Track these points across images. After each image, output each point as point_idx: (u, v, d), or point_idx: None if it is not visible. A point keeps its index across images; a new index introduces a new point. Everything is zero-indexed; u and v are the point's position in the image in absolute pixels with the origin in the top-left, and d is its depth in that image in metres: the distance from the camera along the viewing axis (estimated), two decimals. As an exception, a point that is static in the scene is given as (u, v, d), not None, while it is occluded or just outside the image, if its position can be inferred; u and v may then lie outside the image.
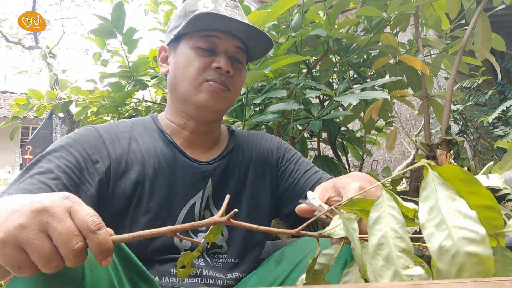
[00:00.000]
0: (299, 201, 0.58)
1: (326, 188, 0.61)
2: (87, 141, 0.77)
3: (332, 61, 1.65)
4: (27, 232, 0.41)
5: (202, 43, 0.82)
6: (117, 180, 0.77)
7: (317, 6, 1.54)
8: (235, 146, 0.92)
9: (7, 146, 9.50)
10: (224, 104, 0.84)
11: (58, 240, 0.42)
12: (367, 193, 0.55)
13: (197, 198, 0.83)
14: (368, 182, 0.60)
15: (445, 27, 1.61)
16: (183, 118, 0.86)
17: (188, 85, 0.82)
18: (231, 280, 0.80)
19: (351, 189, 0.56)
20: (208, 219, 0.47)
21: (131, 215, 0.77)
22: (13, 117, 2.18)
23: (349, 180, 0.59)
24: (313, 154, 1.99)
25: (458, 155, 1.42)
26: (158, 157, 0.82)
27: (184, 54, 0.83)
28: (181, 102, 0.85)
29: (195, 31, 0.83)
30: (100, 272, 0.53)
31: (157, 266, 0.76)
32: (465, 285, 0.29)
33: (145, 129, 0.87)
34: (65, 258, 0.43)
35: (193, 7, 0.84)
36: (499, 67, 1.44)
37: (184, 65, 0.82)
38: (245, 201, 0.87)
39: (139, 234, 0.45)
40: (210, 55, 0.82)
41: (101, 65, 2.12)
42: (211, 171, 0.86)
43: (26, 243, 0.41)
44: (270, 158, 0.94)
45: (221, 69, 0.81)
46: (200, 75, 0.81)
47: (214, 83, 0.81)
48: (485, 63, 1.80)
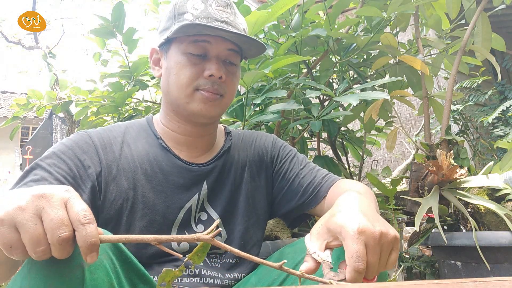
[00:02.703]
0: (304, 260, 0.55)
1: (320, 234, 0.56)
2: (79, 147, 0.77)
3: (332, 61, 1.65)
4: (24, 214, 0.45)
5: (193, 48, 0.80)
6: (108, 186, 0.77)
7: (317, 6, 1.54)
8: (230, 146, 0.92)
9: (7, 146, 9.50)
10: (218, 109, 0.83)
11: (48, 225, 0.44)
12: (368, 229, 0.52)
13: (193, 201, 0.83)
14: (368, 208, 0.57)
15: (445, 27, 1.61)
16: (177, 122, 0.85)
17: (180, 93, 0.81)
18: (229, 280, 0.80)
19: (349, 236, 0.52)
20: (192, 235, 0.47)
21: (126, 221, 0.77)
22: (13, 117, 2.18)
23: (345, 219, 0.54)
24: (313, 154, 1.99)
25: (458, 155, 1.42)
26: (151, 162, 0.82)
27: (175, 60, 0.81)
28: (175, 107, 0.84)
29: (185, 35, 0.81)
30: (100, 275, 0.53)
31: (156, 267, 0.76)
32: (465, 285, 0.29)
33: (139, 133, 0.87)
34: (52, 245, 0.45)
35: (182, 8, 0.81)
36: (499, 67, 1.44)
37: (176, 72, 0.81)
38: (241, 201, 0.87)
39: (125, 237, 0.47)
40: (201, 61, 0.81)
41: (101, 65, 2.12)
42: (206, 173, 0.85)
43: (20, 223, 0.44)
44: (265, 157, 0.93)
45: (213, 76, 0.79)
46: (192, 83, 0.80)
47: (206, 92, 0.80)
48: (485, 63, 1.80)
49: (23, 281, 0.50)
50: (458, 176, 1.23)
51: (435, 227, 1.35)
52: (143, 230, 0.77)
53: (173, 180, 0.82)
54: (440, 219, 1.28)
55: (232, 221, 0.86)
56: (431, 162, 1.26)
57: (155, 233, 0.77)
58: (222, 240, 0.84)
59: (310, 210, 0.87)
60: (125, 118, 1.86)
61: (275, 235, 1.49)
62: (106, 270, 0.54)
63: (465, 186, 1.25)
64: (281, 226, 1.53)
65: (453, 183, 1.26)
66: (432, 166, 1.24)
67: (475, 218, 1.25)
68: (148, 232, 0.78)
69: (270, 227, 1.50)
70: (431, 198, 1.22)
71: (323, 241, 0.55)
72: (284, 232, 1.51)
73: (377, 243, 0.52)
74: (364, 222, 0.53)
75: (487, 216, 1.23)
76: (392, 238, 0.53)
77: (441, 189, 1.26)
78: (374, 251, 0.51)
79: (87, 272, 0.51)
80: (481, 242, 1.14)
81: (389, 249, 0.54)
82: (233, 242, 0.84)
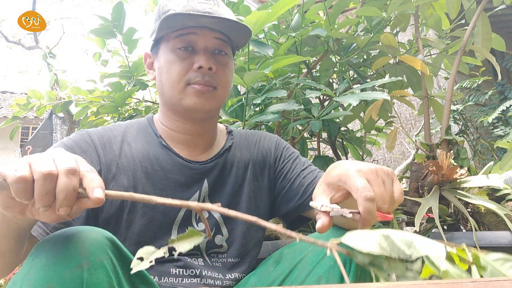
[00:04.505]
0: (310, 205, 0.55)
1: (321, 191, 0.57)
2: (79, 146, 0.77)
3: (332, 61, 1.65)
4: (39, 158, 0.48)
5: (179, 43, 0.80)
6: (107, 185, 0.77)
7: (317, 6, 1.54)
8: (232, 145, 0.92)
9: (7, 146, 9.51)
10: (213, 103, 0.82)
11: (59, 163, 0.48)
12: (365, 167, 0.53)
13: (194, 199, 0.82)
14: (354, 164, 0.57)
15: (445, 27, 1.61)
16: (176, 121, 0.85)
17: (172, 90, 0.80)
18: (230, 281, 0.80)
19: (350, 177, 0.52)
20: (181, 201, 0.48)
21: (126, 220, 0.77)
22: (13, 117, 2.18)
23: (341, 170, 0.54)
24: (313, 154, 1.99)
25: (458, 155, 1.42)
26: (151, 161, 0.82)
27: (165, 58, 0.81)
28: (171, 106, 0.84)
29: (171, 32, 0.81)
30: (100, 275, 0.53)
31: (156, 266, 0.76)
32: (465, 285, 0.29)
33: (140, 132, 0.87)
34: (58, 189, 0.47)
35: (166, 7, 0.81)
36: (499, 67, 1.44)
37: (167, 70, 0.81)
38: (243, 200, 0.87)
39: (129, 195, 0.49)
40: (190, 55, 0.80)
41: (101, 65, 2.12)
42: (207, 171, 0.85)
43: (35, 162, 0.47)
44: (268, 157, 0.93)
45: (202, 68, 0.79)
46: (182, 78, 0.79)
47: (197, 85, 0.79)
48: (485, 63, 1.80)
49: (23, 281, 0.50)
50: (458, 176, 1.23)
51: (435, 227, 1.34)
52: (143, 228, 0.77)
53: (173, 178, 0.82)
54: (440, 219, 1.28)
55: (233, 219, 0.85)
56: (431, 162, 1.26)
57: (156, 232, 0.78)
58: (223, 239, 0.84)
59: (310, 210, 0.87)
60: (125, 118, 1.86)
61: (275, 235, 1.49)
62: (106, 270, 0.54)
63: (465, 186, 1.25)
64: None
65: (453, 183, 1.26)
66: (432, 166, 1.24)
67: (475, 218, 1.25)
68: (148, 230, 0.78)
69: (270, 227, 1.50)
70: (431, 198, 1.22)
71: (327, 197, 0.56)
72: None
73: (376, 175, 0.53)
74: (359, 165, 0.55)
75: (487, 216, 1.23)
76: (388, 170, 0.56)
77: (441, 189, 1.26)
78: (377, 183, 0.52)
79: (86, 273, 0.51)
80: (481, 242, 1.14)
81: (391, 180, 0.55)
82: (235, 240, 0.84)
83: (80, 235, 0.55)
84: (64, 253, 0.52)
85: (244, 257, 0.84)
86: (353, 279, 0.66)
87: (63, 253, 0.52)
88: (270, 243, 1.27)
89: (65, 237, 0.55)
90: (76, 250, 0.53)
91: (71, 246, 0.53)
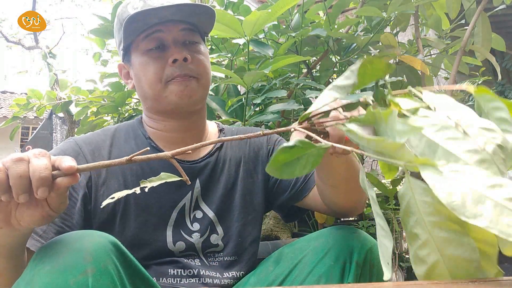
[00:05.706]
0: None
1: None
2: (66, 155, 0.77)
3: (332, 61, 1.65)
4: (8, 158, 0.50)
5: (148, 44, 0.79)
6: (98, 191, 0.77)
7: (317, 6, 1.54)
8: (224, 142, 0.91)
9: (7, 146, 9.49)
10: (199, 92, 0.81)
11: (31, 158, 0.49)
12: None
13: (186, 200, 0.82)
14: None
15: (445, 27, 1.61)
16: (162, 121, 0.84)
17: (154, 91, 0.80)
18: (228, 279, 0.80)
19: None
20: (155, 154, 0.53)
21: (119, 224, 0.77)
22: (13, 117, 2.19)
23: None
24: (313, 154, 1.99)
25: (458, 155, 1.42)
26: (141, 163, 0.81)
27: (138, 64, 0.81)
28: (156, 107, 0.83)
29: (137, 36, 0.80)
30: (105, 281, 0.52)
31: (154, 267, 0.76)
32: (465, 285, 0.29)
33: (128, 135, 0.86)
34: (30, 162, 0.49)
35: (124, 14, 0.80)
36: (499, 67, 1.44)
37: (143, 74, 0.80)
38: (237, 198, 0.86)
39: (92, 165, 0.54)
40: (162, 52, 0.79)
41: (101, 65, 2.12)
42: (198, 171, 0.84)
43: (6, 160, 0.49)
44: (261, 152, 0.93)
45: (178, 60, 0.78)
46: (160, 77, 0.78)
47: (178, 79, 0.78)
48: (485, 63, 1.80)
49: (27, 287, 0.50)
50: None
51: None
52: (137, 231, 0.77)
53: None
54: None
55: (228, 218, 0.85)
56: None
57: (150, 234, 0.78)
58: (219, 237, 0.83)
59: (303, 199, 0.86)
60: (125, 118, 1.86)
61: (275, 235, 1.49)
62: (110, 276, 0.54)
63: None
64: (281, 226, 1.53)
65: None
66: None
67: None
68: (143, 233, 0.78)
69: (270, 227, 1.50)
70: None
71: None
72: (284, 232, 1.51)
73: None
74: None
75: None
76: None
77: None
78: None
79: (91, 279, 0.51)
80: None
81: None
82: (231, 239, 0.84)
83: (84, 239, 0.55)
84: (68, 259, 0.52)
85: (241, 255, 0.84)
86: (353, 279, 0.66)
87: (67, 259, 0.52)
88: (270, 243, 1.27)
89: (68, 242, 0.55)
90: (80, 256, 0.52)
91: (75, 252, 0.53)
